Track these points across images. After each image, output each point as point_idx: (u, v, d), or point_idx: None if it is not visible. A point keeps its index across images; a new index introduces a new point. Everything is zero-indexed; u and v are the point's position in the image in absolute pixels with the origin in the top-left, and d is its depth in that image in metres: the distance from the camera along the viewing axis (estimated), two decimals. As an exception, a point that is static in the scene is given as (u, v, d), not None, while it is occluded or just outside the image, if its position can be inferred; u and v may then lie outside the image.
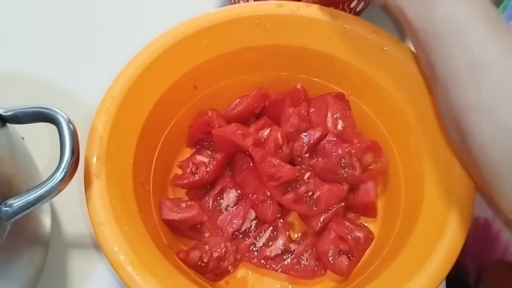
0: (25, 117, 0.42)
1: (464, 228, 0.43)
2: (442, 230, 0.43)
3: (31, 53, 0.74)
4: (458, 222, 0.43)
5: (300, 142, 0.56)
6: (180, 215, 0.53)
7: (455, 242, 0.42)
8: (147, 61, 0.52)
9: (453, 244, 0.42)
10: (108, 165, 0.46)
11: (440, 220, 0.44)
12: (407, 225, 0.48)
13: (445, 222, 0.43)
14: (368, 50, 0.54)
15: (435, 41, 0.39)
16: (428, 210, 0.46)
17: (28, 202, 0.38)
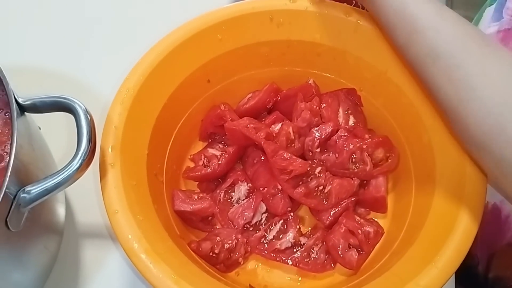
0: (44, 107, 0.43)
1: (476, 222, 0.43)
2: (453, 224, 0.43)
3: (48, 45, 0.75)
4: (469, 216, 0.43)
5: (311, 137, 0.56)
6: (192, 207, 0.54)
7: (466, 235, 0.43)
8: (162, 54, 0.52)
9: (464, 237, 0.43)
10: (123, 156, 0.47)
11: (450, 215, 0.44)
12: (417, 220, 0.48)
13: (455, 216, 0.44)
14: (380, 46, 0.54)
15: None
16: (439, 205, 0.47)
17: (46, 189, 0.39)
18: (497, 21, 0.50)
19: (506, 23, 0.48)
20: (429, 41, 0.41)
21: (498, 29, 0.50)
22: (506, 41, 0.49)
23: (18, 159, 0.38)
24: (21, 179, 0.39)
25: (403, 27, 0.43)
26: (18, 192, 0.38)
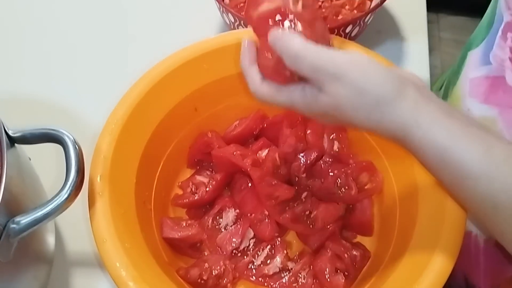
0: (33, 138, 0.44)
1: (457, 243, 0.44)
2: (435, 245, 0.44)
3: (38, 77, 0.76)
4: (450, 237, 0.44)
5: (297, 163, 0.58)
6: (180, 234, 0.55)
7: (448, 256, 0.44)
8: (150, 84, 0.54)
9: (446, 258, 0.44)
10: (112, 184, 0.48)
11: (433, 236, 0.45)
12: (402, 242, 0.49)
13: (438, 237, 0.45)
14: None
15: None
16: (422, 227, 0.48)
17: (35, 219, 0.40)
18: (484, 65, 0.50)
19: (494, 70, 0.48)
20: (481, 190, 0.36)
21: (487, 75, 0.50)
22: (494, 88, 0.49)
23: (8, 191, 0.39)
24: (11, 210, 0.40)
25: (447, 173, 0.37)
26: (7, 223, 0.39)
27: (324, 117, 0.41)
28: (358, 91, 0.36)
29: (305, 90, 0.39)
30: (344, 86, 0.37)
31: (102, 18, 0.85)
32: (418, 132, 0.36)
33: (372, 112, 0.37)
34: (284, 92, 0.41)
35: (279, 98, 0.41)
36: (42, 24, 0.84)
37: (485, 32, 0.52)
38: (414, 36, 0.82)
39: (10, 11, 0.87)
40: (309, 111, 0.40)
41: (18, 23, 0.84)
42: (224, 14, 0.71)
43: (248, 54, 0.43)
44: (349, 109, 0.37)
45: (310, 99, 0.39)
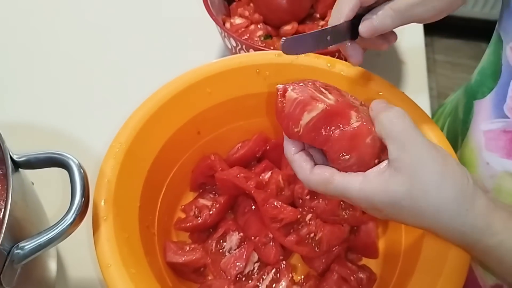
0: (38, 163, 0.44)
1: (465, 265, 0.44)
2: (443, 268, 0.44)
3: (42, 103, 0.77)
4: (458, 259, 0.44)
5: (300, 184, 0.57)
6: (184, 258, 0.54)
7: (456, 279, 0.43)
8: (153, 108, 0.54)
9: (454, 281, 0.43)
10: (116, 209, 0.47)
11: (440, 258, 0.45)
12: (409, 264, 0.49)
13: (445, 259, 0.44)
14: (364, 95, 0.56)
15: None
16: (429, 248, 0.47)
17: (39, 244, 0.39)
18: (499, 118, 0.49)
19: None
20: None
21: (504, 128, 0.49)
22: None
23: (12, 216, 0.38)
24: (15, 235, 0.39)
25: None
26: (12, 248, 0.38)
27: (383, 210, 0.37)
28: (438, 180, 0.35)
29: (370, 175, 0.37)
30: (425, 169, 0.35)
31: (105, 43, 0.86)
32: (492, 239, 0.35)
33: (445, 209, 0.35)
34: (339, 178, 0.38)
35: (332, 186, 0.38)
36: (48, 52, 0.85)
37: (491, 82, 0.51)
38: (412, 59, 0.83)
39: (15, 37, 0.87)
40: (368, 198, 0.37)
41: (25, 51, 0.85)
42: (226, 38, 0.71)
43: (289, 144, 0.42)
44: (421, 199, 0.35)
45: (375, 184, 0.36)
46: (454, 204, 0.35)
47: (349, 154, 0.38)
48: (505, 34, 0.48)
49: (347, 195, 0.38)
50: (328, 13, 0.80)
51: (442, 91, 2.01)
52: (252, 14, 0.78)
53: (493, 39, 0.52)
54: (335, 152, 0.39)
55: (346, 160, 0.38)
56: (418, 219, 0.36)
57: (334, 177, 0.38)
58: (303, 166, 0.40)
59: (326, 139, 0.39)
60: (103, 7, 0.93)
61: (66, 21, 0.90)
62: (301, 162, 0.41)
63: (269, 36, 0.77)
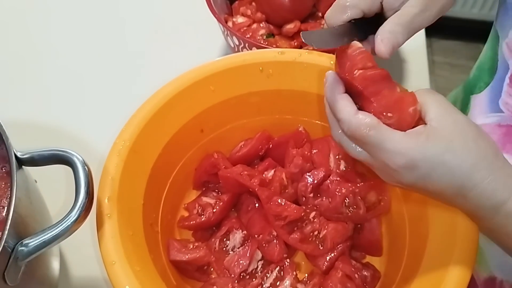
0: (41, 160, 0.44)
1: (470, 263, 0.44)
2: (448, 264, 0.44)
3: (46, 99, 0.77)
4: (463, 257, 0.44)
5: (304, 182, 0.57)
6: (187, 256, 0.54)
7: (462, 276, 0.43)
8: (157, 106, 0.54)
9: (460, 278, 0.43)
10: (120, 206, 0.47)
11: (446, 254, 0.45)
12: (413, 262, 0.49)
13: (450, 256, 0.44)
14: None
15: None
16: (433, 246, 0.47)
17: (44, 241, 0.39)
18: (494, 112, 0.50)
19: (508, 118, 0.49)
20: None
21: (499, 123, 0.50)
22: (509, 136, 0.49)
23: (16, 212, 0.38)
24: (19, 232, 0.39)
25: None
26: (16, 245, 0.38)
27: (416, 169, 0.38)
28: (476, 134, 0.38)
29: (411, 132, 0.38)
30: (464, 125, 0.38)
31: (109, 42, 0.86)
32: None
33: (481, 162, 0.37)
34: (383, 128, 0.38)
35: (373, 132, 0.38)
36: (52, 50, 0.85)
37: (488, 77, 0.52)
38: (413, 59, 0.83)
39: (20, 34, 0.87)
40: (405, 153, 0.37)
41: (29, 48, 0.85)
42: (229, 37, 0.71)
43: (337, 85, 0.42)
44: (462, 150, 0.37)
45: (415, 139, 0.37)
46: (488, 160, 0.37)
47: (392, 113, 0.39)
48: (501, 30, 0.49)
49: (384, 145, 0.38)
50: (330, 12, 0.80)
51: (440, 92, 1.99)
52: (254, 13, 0.78)
53: (491, 35, 0.53)
54: (381, 106, 0.40)
55: (387, 117, 0.39)
56: (453, 177, 0.37)
57: (379, 125, 0.38)
58: (349, 106, 0.40)
59: (376, 91, 0.40)
60: (106, 6, 0.92)
61: (73, 18, 0.90)
62: (347, 102, 0.40)
63: (272, 35, 0.77)
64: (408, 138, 0.37)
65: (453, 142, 0.37)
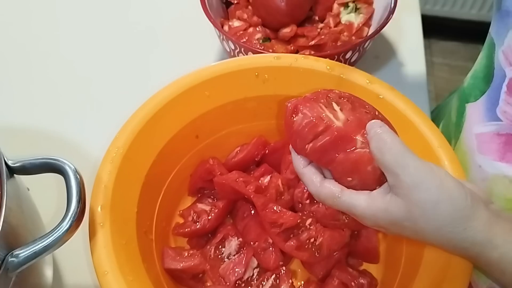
0: (33, 168, 0.43)
1: (468, 270, 0.43)
2: (446, 272, 0.43)
3: (36, 107, 0.76)
4: (461, 264, 0.43)
5: (300, 189, 0.57)
6: (182, 264, 0.53)
7: (459, 284, 0.43)
8: (151, 112, 0.53)
9: (457, 286, 0.42)
10: (113, 214, 0.46)
11: (443, 262, 0.44)
12: (411, 269, 0.48)
13: (448, 263, 0.44)
14: (364, 98, 0.56)
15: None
16: (431, 253, 0.47)
17: (35, 252, 0.39)
18: (492, 121, 0.50)
19: (507, 127, 0.48)
20: None
21: (498, 132, 0.49)
22: (509, 146, 0.49)
23: (7, 223, 0.38)
24: (9, 243, 0.38)
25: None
26: (6, 256, 0.38)
27: (387, 228, 0.39)
28: (434, 201, 0.36)
29: (374, 195, 0.39)
30: (420, 193, 0.36)
31: (103, 47, 0.85)
32: (493, 253, 0.36)
33: (444, 227, 0.36)
34: (347, 195, 0.39)
35: (340, 201, 0.40)
36: (44, 55, 0.84)
37: (483, 85, 0.51)
38: (411, 61, 0.82)
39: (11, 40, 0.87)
40: (372, 217, 0.38)
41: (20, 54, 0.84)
42: (224, 41, 0.71)
43: (298, 159, 0.43)
44: (420, 219, 0.36)
45: (378, 204, 0.38)
46: (451, 224, 0.36)
47: (351, 177, 0.40)
48: (497, 38, 0.48)
49: (353, 211, 0.39)
50: (327, 15, 0.79)
51: (440, 94, 2.01)
52: (250, 16, 0.77)
53: (487, 43, 0.52)
54: (339, 173, 0.40)
55: (349, 181, 0.40)
56: (420, 237, 0.38)
57: (342, 193, 0.40)
58: (313, 180, 0.41)
59: (330, 161, 0.40)
60: (100, 11, 0.92)
61: (62, 25, 0.89)
62: (311, 175, 0.42)
63: (268, 39, 0.76)
64: (371, 203, 0.38)
65: (411, 212, 0.36)
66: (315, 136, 0.40)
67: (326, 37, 0.73)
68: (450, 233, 0.36)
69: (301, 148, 0.41)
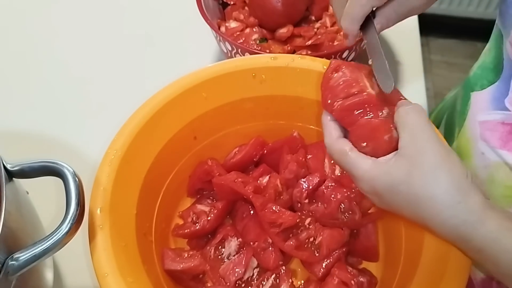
0: (32, 172, 0.43)
1: (467, 267, 0.43)
2: (445, 269, 0.43)
3: (34, 110, 0.76)
4: (460, 261, 0.44)
5: (299, 188, 0.57)
6: (182, 265, 0.53)
7: (457, 281, 0.43)
8: (149, 114, 0.54)
9: (456, 283, 0.43)
10: (112, 217, 0.46)
11: (442, 259, 0.44)
12: (410, 267, 0.48)
13: (447, 261, 0.44)
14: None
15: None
16: (430, 251, 0.47)
17: (34, 255, 0.39)
18: (498, 110, 0.50)
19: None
20: None
21: (503, 121, 0.50)
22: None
23: (7, 226, 0.38)
24: (9, 246, 0.39)
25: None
26: (6, 260, 0.38)
27: (380, 195, 0.40)
28: (436, 167, 0.37)
29: (379, 160, 0.40)
30: (425, 156, 0.37)
31: (100, 50, 0.86)
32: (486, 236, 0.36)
33: (439, 196, 0.36)
34: (355, 154, 0.41)
35: (346, 158, 0.41)
36: (42, 59, 0.84)
37: (493, 76, 0.52)
38: (408, 60, 0.83)
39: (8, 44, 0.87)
40: (370, 181, 0.40)
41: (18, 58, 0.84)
42: (221, 43, 0.71)
43: (326, 112, 0.45)
44: (417, 183, 0.37)
45: (381, 167, 0.39)
46: (447, 193, 0.36)
47: (366, 142, 0.41)
48: (504, 29, 0.48)
49: (354, 172, 0.41)
50: (323, 15, 0.79)
51: (438, 91, 2.01)
52: (247, 17, 0.78)
53: (494, 34, 0.52)
54: (357, 136, 0.42)
55: (363, 147, 0.42)
56: (412, 207, 0.38)
57: (352, 152, 0.41)
58: (332, 133, 0.43)
59: (352, 122, 0.42)
60: (98, 14, 0.92)
61: (60, 28, 0.90)
62: (331, 129, 0.44)
63: (265, 39, 0.76)
64: (374, 166, 0.40)
65: (411, 173, 0.37)
66: (347, 95, 0.42)
67: (323, 37, 0.73)
68: (442, 205, 0.36)
69: (331, 104, 0.43)
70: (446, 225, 0.37)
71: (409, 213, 0.39)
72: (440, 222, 0.37)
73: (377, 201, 0.41)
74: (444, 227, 0.37)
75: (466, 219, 0.36)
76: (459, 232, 0.37)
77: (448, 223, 0.37)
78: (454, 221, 0.36)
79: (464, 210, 0.36)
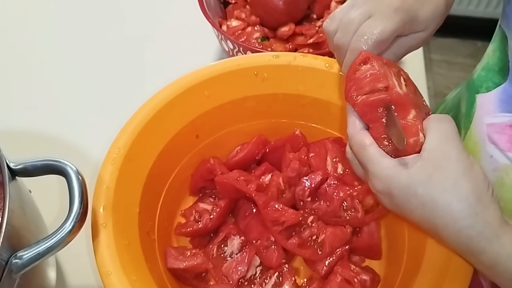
0: (35, 170, 0.43)
1: (470, 265, 0.43)
2: (448, 268, 0.43)
3: (38, 109, 0.76)
4: (463, 260, 0.43)
5: (301, 186, 0.57)
6: (185, 264, 0.53)
7: (461, 279, 0.43)
8: (151, 113, 0.54)
9: (460, 282, 0.43)
10: (115, 215, 0.46)
11: (445, 257, 0.44)
12: (413, 265, 0.48)
13: (450, 259, 0.44)
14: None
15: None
16: (433, 248, 0.47)
17: (38, 253, 0.39)
18: (506, 112, 0.50)
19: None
20: None
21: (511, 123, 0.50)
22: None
23: (10, 225, 0.38)
24: (13, 245, 0.39)
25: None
26: (10, 258, 0.38)
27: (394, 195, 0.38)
28: (458, 174, 0.36)
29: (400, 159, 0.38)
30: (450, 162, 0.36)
31: (102, 48, 0.86)
32: (501, 252, 0.35)
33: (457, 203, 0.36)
34: (375, 149, 0.39)
35: (365, 151, 0.40)
36: (44, 57, 0.84)
37: (499, 78, 0.51)
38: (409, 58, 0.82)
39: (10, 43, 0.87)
40: (387, 179, 0.38)
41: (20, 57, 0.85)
42: (223, 41, 0.71)
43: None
44: (436, 187, 0.36)
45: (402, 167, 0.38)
46: (466, 202, 0.35)
47: (389, 142, 0.40)
48: (509, 31, 0.48)
49: (370, 168, 0.39)
50: (325, 13, 0.79)
51: (439, 90, 2.01)
52: (248, 16, 0.78)
53: (497, 35, 0.52)
54: (379, 133, 0.40)
55: (384, 145, 0.40)
56: (427, 212, 0.37)
57: (372, 146, 0.40)
58: (356, 124, 0.42)
59: (375, 119, 0.40)
60: (99, 12, 0.92)
61: (62, 27, 0.90)
62: (356, 119, 0.42)
63: (266, 38, 0.76)
64: (393, 165, 0.38)
65: (432, 177, 0.36)
66: (372, 89, 0.41)
67: (324, 35, 0.73)
68: (460, 213, 0.35)
69: (354, 97, 0.41)
70: (459, 234, 0.36)
71: (421, 218, 0.38)
72: (453, 231, 0.36)
73: (387, 201, 0.40)
74: (457, 236, 0.36)
75: (481, 231, 0.35)
76: (472, 244, 0.36)
77: (462, 233, 0.36)
78: (469, 231, 0.36)
79: (481, 222, 0.35)
